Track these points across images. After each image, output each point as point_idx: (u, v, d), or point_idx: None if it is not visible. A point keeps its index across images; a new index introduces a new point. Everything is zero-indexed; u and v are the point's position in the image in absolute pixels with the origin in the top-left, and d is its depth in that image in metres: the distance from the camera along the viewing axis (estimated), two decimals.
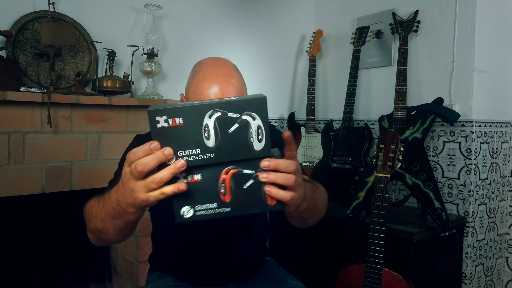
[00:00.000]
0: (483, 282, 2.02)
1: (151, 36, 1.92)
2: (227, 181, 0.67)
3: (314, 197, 0.88)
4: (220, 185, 0.67)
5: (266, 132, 0.66)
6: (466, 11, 1.93)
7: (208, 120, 0.64)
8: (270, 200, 0.69)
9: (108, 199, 0.77)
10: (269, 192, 0.68)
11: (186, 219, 0.67)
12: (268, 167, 0.67)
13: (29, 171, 1.58)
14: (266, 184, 0.68)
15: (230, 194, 0.67)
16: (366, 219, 1.80)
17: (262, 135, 0.66)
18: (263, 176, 0.67)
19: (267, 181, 0.68)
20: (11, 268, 1.89)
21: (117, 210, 0.74)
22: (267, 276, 1.20)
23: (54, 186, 1.64)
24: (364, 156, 2.12)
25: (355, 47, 2.25)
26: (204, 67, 1.03)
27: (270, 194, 0.68)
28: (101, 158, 1.76)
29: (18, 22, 1.65)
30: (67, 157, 1.67)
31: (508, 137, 2.08)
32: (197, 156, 0.65)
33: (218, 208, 0.68)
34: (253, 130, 0.65)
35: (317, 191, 0.93)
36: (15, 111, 1.54)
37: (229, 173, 0.67)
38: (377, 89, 2.35)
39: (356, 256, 1.81)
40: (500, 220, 2.09)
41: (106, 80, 1.78)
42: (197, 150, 0.65)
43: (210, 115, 0.64)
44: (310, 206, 0.85)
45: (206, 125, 0.64)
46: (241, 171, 0.67)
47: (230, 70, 1.02)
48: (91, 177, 1.73)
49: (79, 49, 1.81)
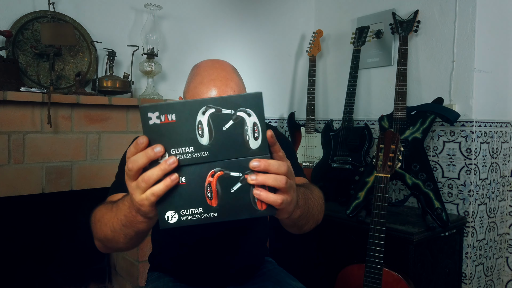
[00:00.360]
0: (483, 282, 2.02)
1: (151, 36, 1.92)
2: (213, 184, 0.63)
3: (308, 202, 0.85)
4: (206, 188, 0.63)
5: (262, 129, 0.62)
6: (466, 11, 1.93)
7: (201, 116, 0.61)
8: (260, 204, 0.64)
9: (121, 206, 0.74)
10: (258, 196, 0.63)
11: (171, 224, 0.63)
12: (258, 167, 0.62)
13: (29, 171, 1.58)
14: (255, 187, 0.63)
15: (216, 198, 0.63)
16: (366, 219, 1.80)
17: (258, 133, 0.62)
18: (251, 178, 0.62)
19: (256, 183, 0.62)
20: (11, 268, 1.89)
21: (129, 217, 0.71)
22: (267, 277, 1.19)
23: (54, 186, 1.64)
24: (364, 156, 2.12)
25: (355, 47, 2.25)
26: (202, 70, 1.01)
27: (259, 197, 0.63)
28: (101, 158, 1.76)
29: (18, 22, 1.65)
30: (67, 157, 1.67)
31: (508, 137, 2.08)
32: (190, 154, 0.62)
33: (204, 213, 0.63)
34: (249, 127, 0.62)
35: (311, 195, 0.90)
36: (15, 111, 1.54)
37: (215, 176, 0.63)
38: (377, 89, 2.35)
39: (356, 256, 1.81)
40: (500, 220, 2.09)
41: (106, 80, 1.78)
42: (190, 148, 0.62)
43: (203, 111, 0.61)
44: (303, 213, 0.81)
45: (200, 122, 0.61)
46: (228, 173, 0.63)
47: (228, 73, 1.00)
48: (91, 177, 1.73)
49: (79, 49, 1.81)
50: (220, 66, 1.01)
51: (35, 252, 1.94)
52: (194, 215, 0.63)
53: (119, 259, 2.09)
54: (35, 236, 1.93)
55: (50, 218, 1.95)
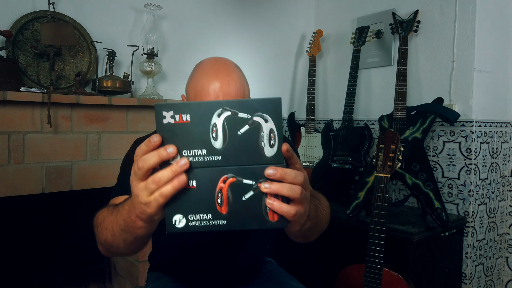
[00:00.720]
0: (483, 282, 2.02)
1: (151, 36, 1.92)
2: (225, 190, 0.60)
3: (318, 214, 0.83)
4: (217, 194, 0.60)
5: (279, 137, 0.59)
6: (466, 11, 1.93)
7: (216, 119, 0.59)
8: (272, 215, 0.61)
9: (121, 210, 0.72)
10: (271, 205, 0.59)
11: (178, 229, 0.61)
12: (273, 176, 0.59)
13: (29, 171, 1.58)
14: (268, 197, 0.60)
15: (227, 205, 0.61)
16: (366, 219, 1.80)
17: (275, 140, 0.59)
18: (265, 186, 0.59)
19: (269, 192, 0.59)
20: (11, 268, 1.89)
21: (127, 222, 0.69)
22: (267, 278, 1.19)
23: (54, 186, 1.64)
24: (364, 156, 2.12)
25: (355, 47, 2.25)
26: (204, 65, 1.02)
27: (272, 207, 0.59)
28: (101, 158, 1.76)
29: (18, 22, 1.65)
30: (67, 157, 1.67)
31: (508, 137, 2.08)
32: (202, 157, 0.60)
33: (213, 220, 0.61)
34: (265, 134, 0.59)
35: (320, 206, 0.88)
36: (15, 111, 1.54)
37: (227, 182, 0.60)
38: (377, 89, 2.35)
39: (356, 256, 1.81)
40: (500, 220, 2.09)
41: (106, 80, 1.78)
42: (203, 151, 0.60)
43: (219, 113, 0.59)
44: (313, 225, 0.79)
45: (214, 125, 0.59)
46: (240, 181, 0.60)
47: (231, 67, 1.01)
48: (91, 177, 1.73)
49: (79, 49, 1.81)
50: (222, 61, 1.02)
51: (35, 252, 1.94)
52: (202, 221, 0.61)
53: (119, 259, 2.09)
54: (35, 236, 1.93)
55: (50, 218, 1.95)
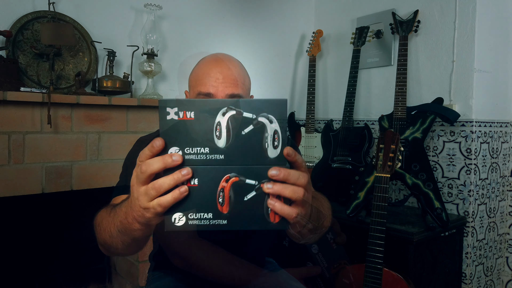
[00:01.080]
0: (483, 282, 2.02)
1: (151, 36, 1.92)
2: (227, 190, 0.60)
3: (319, 216, 0.82)
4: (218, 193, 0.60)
5: (283, 139, 0.59)
6: (466, 11, 1.93)
7: (221, 117, 0.59)
8: (273, 216, 0.61)
9: (118, 211, 0.72)
10: (273, 206, 0.59)
11: (178, 227, 0.60)
12: (277, 176, 0.58)
13: (29, 171, 1.58)
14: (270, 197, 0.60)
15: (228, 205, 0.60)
16: (366, 219, 1.80)
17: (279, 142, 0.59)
18: (267, 186, 0.59)
19: (271, 192, 0.59)
20: (12, 268, 1.89)
21: (124, 224, 0.68)
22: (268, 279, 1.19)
23: (54, 186, 1.64)
24: (364, 156, 2.12)
25: (355, 47, 2.25)
26: (206, 57, 1.08)
27: (273, 208, 0.59)
28: (101, 158, 1.76)
29: (18, 22, 1.65)
30: (67, 157, 1.67)
31: (508, 137, 2.08)
32: (205, 155, 0.59)
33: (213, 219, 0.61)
34: (269, 135, 0.59)
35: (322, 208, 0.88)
36: (15, 111, 1.54)
37: (230, 181, 0.60)
38: (377, 89, 2.35)
39: (356, 256, 1.81)
40: (500, 220, 2.09)
41: (106, 80, 1.78)
42: (205, 149, 0.59)
43: (223, 112, 0.59)
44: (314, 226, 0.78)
45: (219, 123, 0.59)
46: (243, 180, 0.60)
47: (232, 57, 1.06)
48: (91, 177, 1.73)
49: (79, 49, 1.81)
50: (224, 55, 1.08)
51: (35, 252, 1.94)
52: (202, 220, 0.61)
53: (119, 259, 2.08)
54: (35, 236, 1.93)
55: (50, 218, 1.95)
